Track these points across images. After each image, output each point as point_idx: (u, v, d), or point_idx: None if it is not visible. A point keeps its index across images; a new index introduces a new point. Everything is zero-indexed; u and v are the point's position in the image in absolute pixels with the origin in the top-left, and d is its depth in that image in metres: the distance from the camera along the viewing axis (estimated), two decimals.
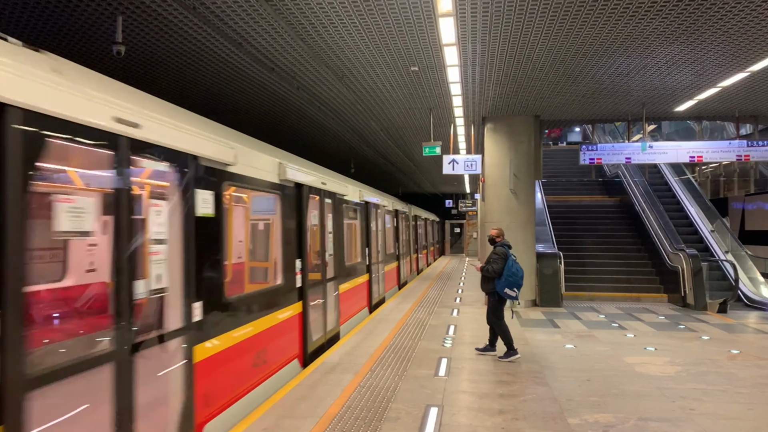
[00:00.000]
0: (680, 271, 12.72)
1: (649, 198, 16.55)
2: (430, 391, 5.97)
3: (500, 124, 12.60)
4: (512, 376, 6.61)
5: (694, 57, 8.31)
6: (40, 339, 3.94)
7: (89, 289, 5.34)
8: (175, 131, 4.07)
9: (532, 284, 12.50)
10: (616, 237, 16.61)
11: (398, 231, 16.93)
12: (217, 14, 6.61)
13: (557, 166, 22.51)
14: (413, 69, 8.80)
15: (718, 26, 7.09)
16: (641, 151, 12.11)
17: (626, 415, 5.24)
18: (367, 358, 7.42)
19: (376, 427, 4.89)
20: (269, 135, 13.73)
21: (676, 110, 11.93)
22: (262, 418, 5.08)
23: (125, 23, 6.82)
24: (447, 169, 12.60)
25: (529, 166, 12.55)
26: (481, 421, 5.05)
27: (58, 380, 2.94)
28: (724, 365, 7.17)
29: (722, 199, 21.10)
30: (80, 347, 4.26)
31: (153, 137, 3.76)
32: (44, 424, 2.89)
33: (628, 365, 7.14)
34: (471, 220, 36.32)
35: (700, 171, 22.75)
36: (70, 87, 3.05)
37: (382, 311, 11.75)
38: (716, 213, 16.39)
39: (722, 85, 9.81)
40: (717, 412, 5.34)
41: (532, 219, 12.65)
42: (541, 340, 8.73)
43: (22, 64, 2.78)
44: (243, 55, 8.04)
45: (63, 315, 5.10)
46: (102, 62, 8.20)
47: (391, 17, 6.68)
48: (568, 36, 7.43)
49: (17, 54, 2.83)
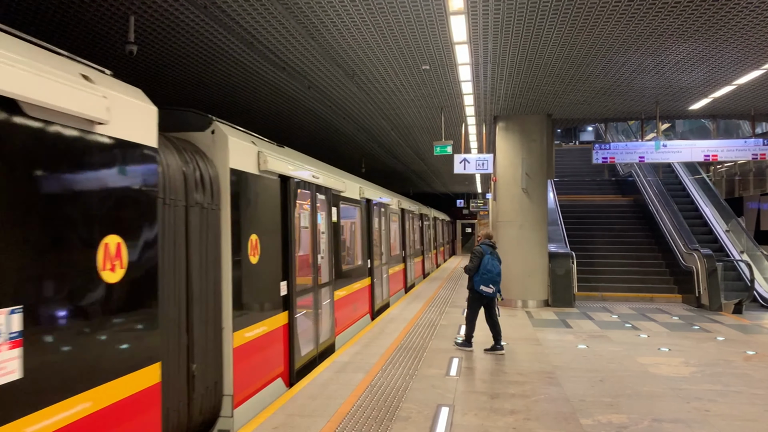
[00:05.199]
0: (695, 271, 12.58)
1: (662, 197, 16.38)
2: (441, 390, 5.95)
3: (512, 122, 12.53)
4: (524, 376, 6.57)
5: (709, 54, 8.20)
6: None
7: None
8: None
9: (545, 284, 12.43)
10: (629, 237, 16.46)
11: (405, 231, 16.59)
12: (228, 13, 6.63)
13: (570, 165, 22.36)
14: (424, 68, 8.77)
15: (733, 23, 6.99)
16: (655, 150, 11.98)
17: (640, 416, 5.18)
18: (378, 358, 7.41)
19: (387, 426, 4.88)
20: (279, 134, 13.77)
21: (690, 108, 11.79)
22: (272, 416, 5.08)
23: (137, 23, 6.86)
24: (458, 168, 12.54)
25: (541, 165, 12.48)
26: (493, 421, 5.02)
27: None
28: (740, 366, 7.07)
29: (737, 198, 20.85)
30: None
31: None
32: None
33: (642, 366, 7.06)
34: (482, 220, 36.21)
35: (714, 170, 22.49)
36: None
37: (392, 312, 11.73)
38: (731, 212, 16.18)
39: (738, 82, 9.68)
40: (732, 414, 5.27)
41: (544, 218, 12.58)
42: (554, 341, 8.67)
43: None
44: (254, 54, 8.06)
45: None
46: (114, 62, 8.26)
47: (402, 15, 6.66)
48: (581, 33, 7.36)
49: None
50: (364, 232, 11.10)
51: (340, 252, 8.94)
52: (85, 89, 3.05)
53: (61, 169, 2.90)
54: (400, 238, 15.76)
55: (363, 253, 10.95)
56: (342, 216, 9.21)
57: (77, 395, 2.93)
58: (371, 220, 11.49)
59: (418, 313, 11.42)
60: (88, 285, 3.06)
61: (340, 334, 8.64)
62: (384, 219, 13.06)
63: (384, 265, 12.89)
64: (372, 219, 11.61)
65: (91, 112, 3.05)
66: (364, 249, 11.02)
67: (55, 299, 2.83)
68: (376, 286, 11.73)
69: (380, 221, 12.62)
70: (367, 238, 11.21)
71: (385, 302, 12.75)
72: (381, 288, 12.43)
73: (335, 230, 8.55)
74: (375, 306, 11.59)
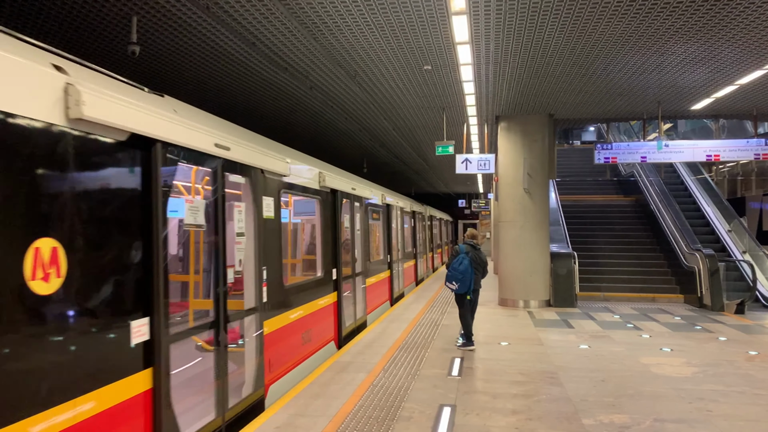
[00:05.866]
0: (697, 271, 12.57)
1: (664, 197, 16.37)
2: (443, 390, 5.95)
3: (514, 122, 12.53)
4: (526, 376, 6.57)
5: (712, 54, 8.20)
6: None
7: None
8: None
9: (546, 284, 12.42)
10: (631, 237, 16.45)
11: (415, 231, 16.91)
12: (230, 14, 6.64)
13: (572, 165, 22.34)
14: (426, 68, 8.77)
15: (735, 23, 6.98)
16: (657, 150, 11.97)
17: (642, 416, 5.18)
18: (380, 357, 7.41)
19: (389, 426, 4.88)
20: (283, 136, 13.78)
21: (692, 108, 11.78)
22: (275, 416, 5.09)
23: (139, 23, 6.88)
24: (460, 168, 12.54)
25: (543, 165, 12.47)
26: (495, 421, 5.02)
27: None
28: (742, 366, 7.06)
29: (739, 198, 20.81)
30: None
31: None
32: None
33: (644, 366, 7.06)
34: (484, 220, 36.20)
35: (716, 170, 22.45)
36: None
37: (394, 311, 11.73)
38: (733, 213, 16.16)
39: (740, 82, 9.67)
40: (735, 414, 5.27)
41: (546, 218, 12.57)
42: (555, 341, 8.67)
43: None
44: (256, 54, 8.07)
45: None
46: (117, 62, 8.28)
47: (403, 15, 6.67)
48: (582, 33, 7.36)
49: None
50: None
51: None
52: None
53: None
54: (411, 238, 16.05)
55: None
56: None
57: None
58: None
59: (421, 312, 11.42)
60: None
61: (370, 313, 9.41)
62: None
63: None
64: (391, 221, 12.24)
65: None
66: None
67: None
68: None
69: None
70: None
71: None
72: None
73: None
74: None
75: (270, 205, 5.84)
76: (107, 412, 3.27)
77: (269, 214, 5.80)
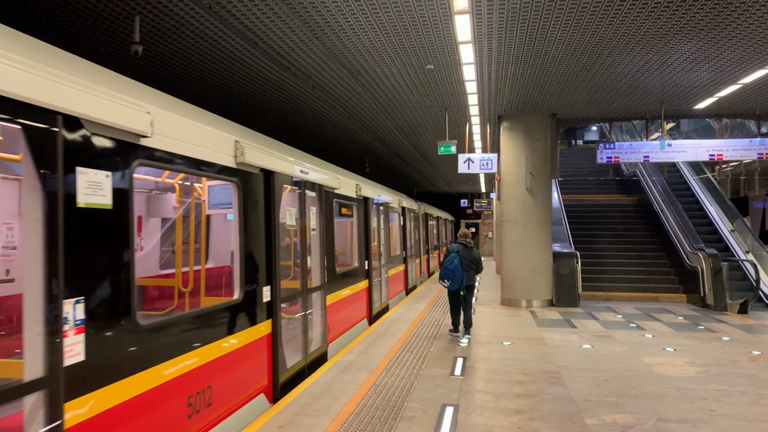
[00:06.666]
0: (699, 271, 12.54)
1: (667, 197, 16.34)
2: (446, 390, 5.95)
3: (516, 122, 12.52)
4: (528, 375, 6.56)
5: (714, 53, 8.18)
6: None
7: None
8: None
9: (549, 284, 12.41)
10: (633, 236, 16.42)
11: (406, 231, 15.59)
12: (233, 13, 6.64)
13: (574, 164, 22.31)
14: (429, 67, 8.77)
15: (738, 22, 6.97)
16: (660, 150, 11.95)
17: (645, 415, 5.17)
18: (382, 357, 7.41)
19: (391, 425, 4.88)
20: (285, 134, 13.80)
21: (695, 108, 11.76)
22: (277, 416, 5.09)
23: (142, 23, 6.89)
24: (462, 168, 12.54)
25: (545, 164, 12.46)
26: (498, 421, 5.02)
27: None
28: (745, 366, 7.05)
29: (742, 198, 20.77)
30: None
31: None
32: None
33: (647, 366, 7.05)
34: (486, 220, 36.19)
35: (719, 170, 22.41)
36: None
37: (396, 311, 11.73)
38: (736, 212, 16.12)
39: (743, 82, 9.65)
40: (738, 414, 5.25)
41: (548, 218, 12.56)
42: (558, 340, 8.66)
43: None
44: (259, 53, 8.07)
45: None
46: (120, 61, 8.29)
47: (406, 15, 6.67)
48: (585, 33, 7.35)
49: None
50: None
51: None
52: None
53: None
54: (401, 238, 15.57)
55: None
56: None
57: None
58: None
59: (423, 312, 11.42)
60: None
61: (332, 343, 7.95)
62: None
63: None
64: (370, 218, 10.87)
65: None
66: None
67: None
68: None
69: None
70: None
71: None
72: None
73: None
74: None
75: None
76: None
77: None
